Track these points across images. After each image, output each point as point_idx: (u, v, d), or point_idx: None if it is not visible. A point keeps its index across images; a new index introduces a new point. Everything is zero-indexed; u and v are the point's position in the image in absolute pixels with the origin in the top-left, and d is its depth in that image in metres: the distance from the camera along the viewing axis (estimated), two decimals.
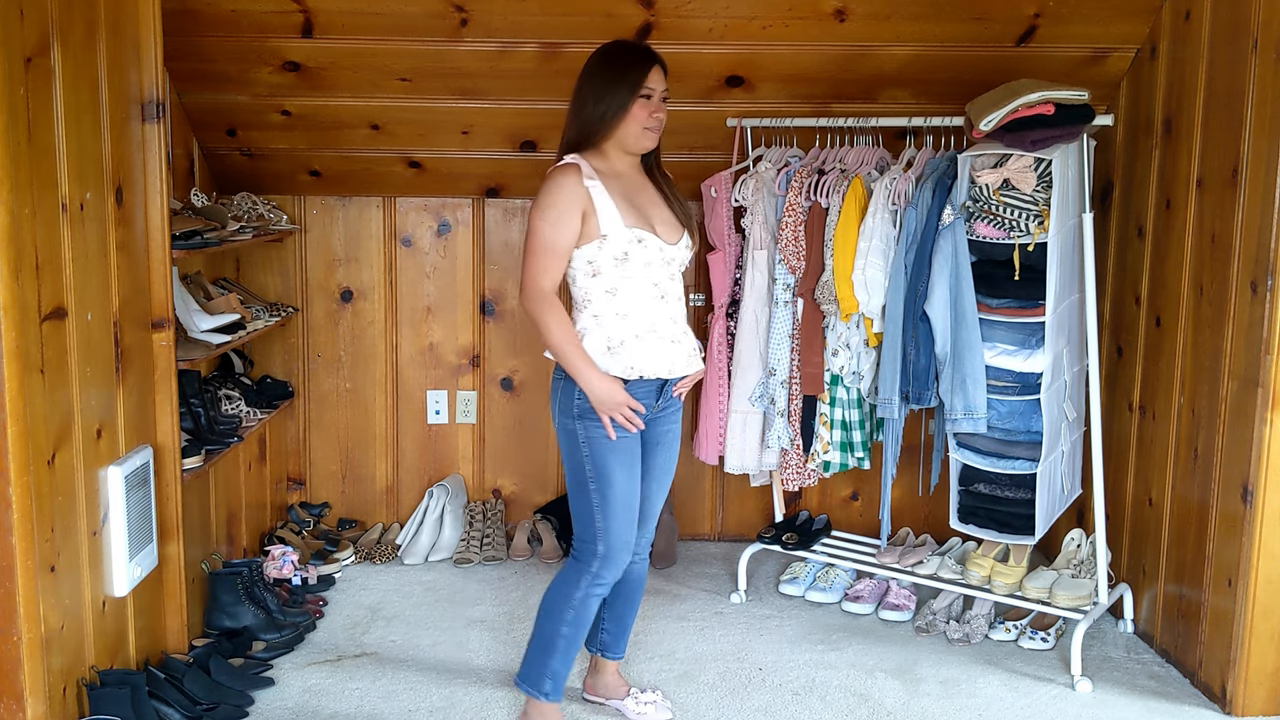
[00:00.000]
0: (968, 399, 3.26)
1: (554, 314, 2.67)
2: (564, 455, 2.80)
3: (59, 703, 2.56)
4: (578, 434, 2.74)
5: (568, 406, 2.74)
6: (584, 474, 2.75)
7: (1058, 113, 3.12)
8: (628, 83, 2.69)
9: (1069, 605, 3.36)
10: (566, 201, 2.65)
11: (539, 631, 2.85)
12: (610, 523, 2.75)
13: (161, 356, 3.06)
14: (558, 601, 2.81)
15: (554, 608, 2.81)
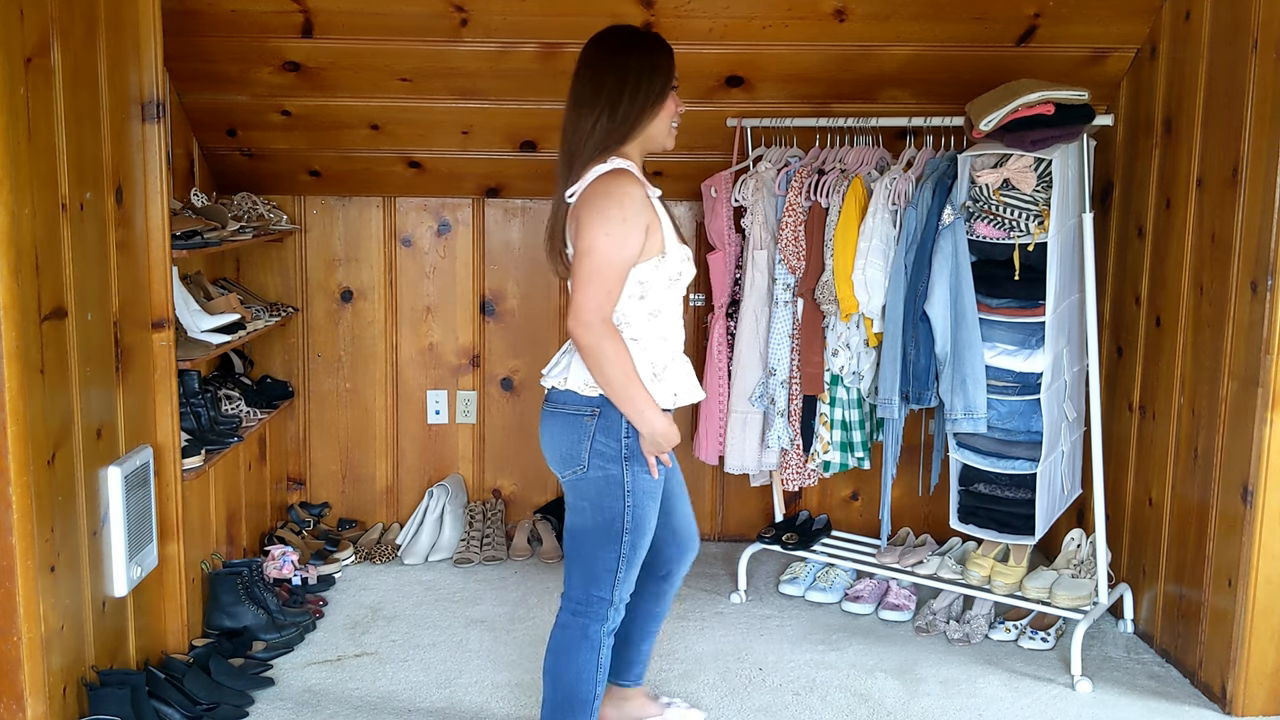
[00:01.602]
0: (968, 399, 3.26)
1: (616, 344, 2.33)
2: (589, 504, 2.45)
3: (59, 703, 2.56)
4: (622, 480, 2.42)
5: (610, 449, 2.41)
6: (619, 524, 2.43)
7: (1058, 113, 3.12)
8: (662, 72, 2.43)
9: (1069, 605, 3.36)
10: (636, 215, 2.34)
11: (566, 700, 2.53)
12: (630, 572, 2.49)
13: (161, 356, 3.06)
14: (585, 669, 2.51)
15: (582, 675, 2.51)
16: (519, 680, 3.22)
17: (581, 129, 2.42)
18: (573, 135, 2.43)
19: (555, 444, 2.48)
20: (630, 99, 2.40)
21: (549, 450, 2.51)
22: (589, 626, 2.51)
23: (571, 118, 2.44)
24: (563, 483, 2.52)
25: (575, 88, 2.45)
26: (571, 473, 2.47)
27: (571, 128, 2.44)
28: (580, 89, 2.43)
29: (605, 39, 2.49)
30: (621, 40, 2.48)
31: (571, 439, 2.44)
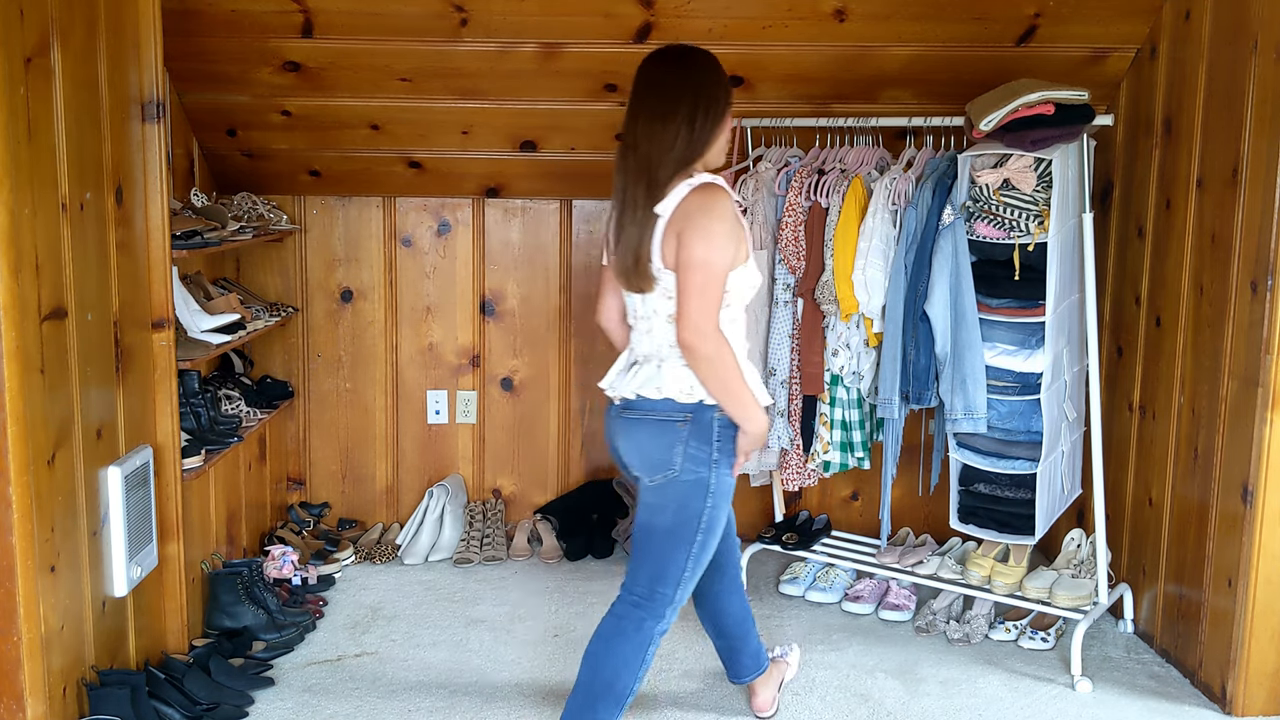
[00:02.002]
0: (968, 399, 3.26)
1: (729, 350, 2.42)
2: (673, 505, 2.52)
3: (59, 703, 2.56)
4: (709, 482, 2.50)
5: (702, 453, 2.48)
6: (696, 525, 2.50)
7: (1058, 113, 3.12)
8: (726, 90, 2.50)
9: (1069, 605, 3.36)
10: (734, 228, 2.42)
11: (603, 689, 2.56)
12: (697, 572, 2.56)
13: (161, 356, 3.06)
14: (631, 660, 2.56)
15: (626, 666, 2.56)
16: (519, 680, 3.22)
17: (662, 143, 2.44)
18: (650, 149, 2.45)
19: (645, 450, 2.53)
20: (704, 115, 2.45)
21: (636, 456, 2.56)
22: (645, 621, 2.57)
23: (648, 131, 2.46)
24: (645, 486, 2.57)
25: (649, 103, 2.47)
26: (661, 476, 2.52)
27: (649, 141, 2.45)
28: (656, 104, 2.46)
29: (675, 55, 2.52)
30: (690, 57, 2.51)
31: (664, 444, 2.50)
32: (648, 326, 2.54)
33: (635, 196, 2.46)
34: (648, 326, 2.54)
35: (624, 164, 2.50)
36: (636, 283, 2.50)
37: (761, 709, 3.03)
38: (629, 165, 2.48)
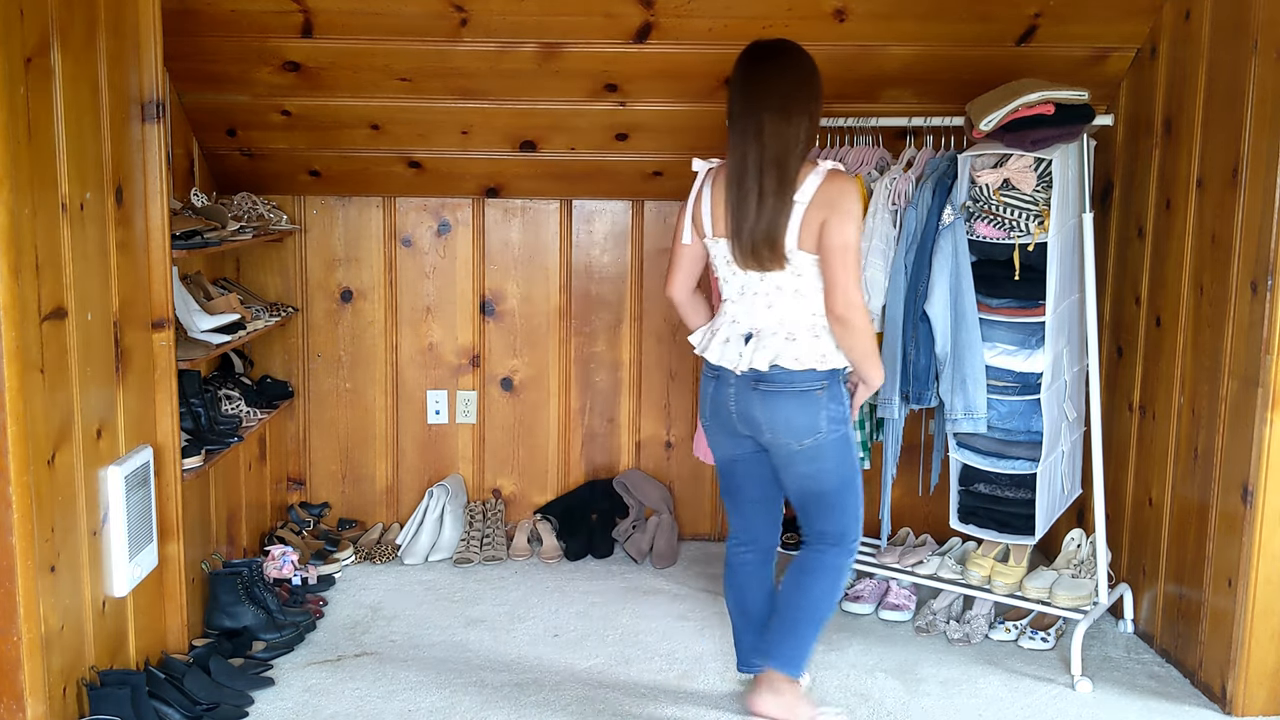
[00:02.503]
0: (968, 399, 3.26)
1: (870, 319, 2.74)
2: (832, 463, 2.79)
3: (59, 703, 2.56)
4: (849, 436, 2.81)
5: (839, 413, 2.76)
6: (854, 470, 2.83)
7: (1058, 113, 3.12)
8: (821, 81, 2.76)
9: (1069, 605, 3.36)
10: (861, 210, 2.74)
11: (810, 619, 2.88)
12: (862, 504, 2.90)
13: (161, 356, 3.06)
14: (833, 593, 2.88)
15: (829, 598, 2.88)
16: (519, 680, 3.22)
17: (792, 137, 2.65)
18: (779, 144, 2.64)
19: (791, 419, 2.74)
20: (818, 108, 2.72)
21: (780, 424, 2.75)
22: (845, 560, 2.88)
23: (775, 128, 2.64)
24: (794, 451, 2.78)
25: (772, 100, 2.65)
26: (811, 440, 2.76)
27: (777, 138, 2.64)
28: (779, 100, 2.65)
29: (784, 50, 2.71)
30: (799, 53, 2.72)
31: (810, 411, 2.73)
32: (766, 302, 2.74)
33: (765, 186, 2.65)
34: (766, 302, 2.74)
35: (744, 156, 2.67)
36: (765, 263, 2.70)
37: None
38: (751, 157, 2.66)
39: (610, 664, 3.33)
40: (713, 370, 2.84)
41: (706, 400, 2.88)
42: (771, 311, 2.75)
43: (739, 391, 2.78)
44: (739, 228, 2.70)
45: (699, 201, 2.80)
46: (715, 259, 2.83)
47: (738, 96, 2.70)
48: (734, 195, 2.69)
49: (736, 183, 2.69)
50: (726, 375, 2.80)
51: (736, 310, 2.80)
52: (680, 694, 3.15)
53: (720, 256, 2.80)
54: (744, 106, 2.68)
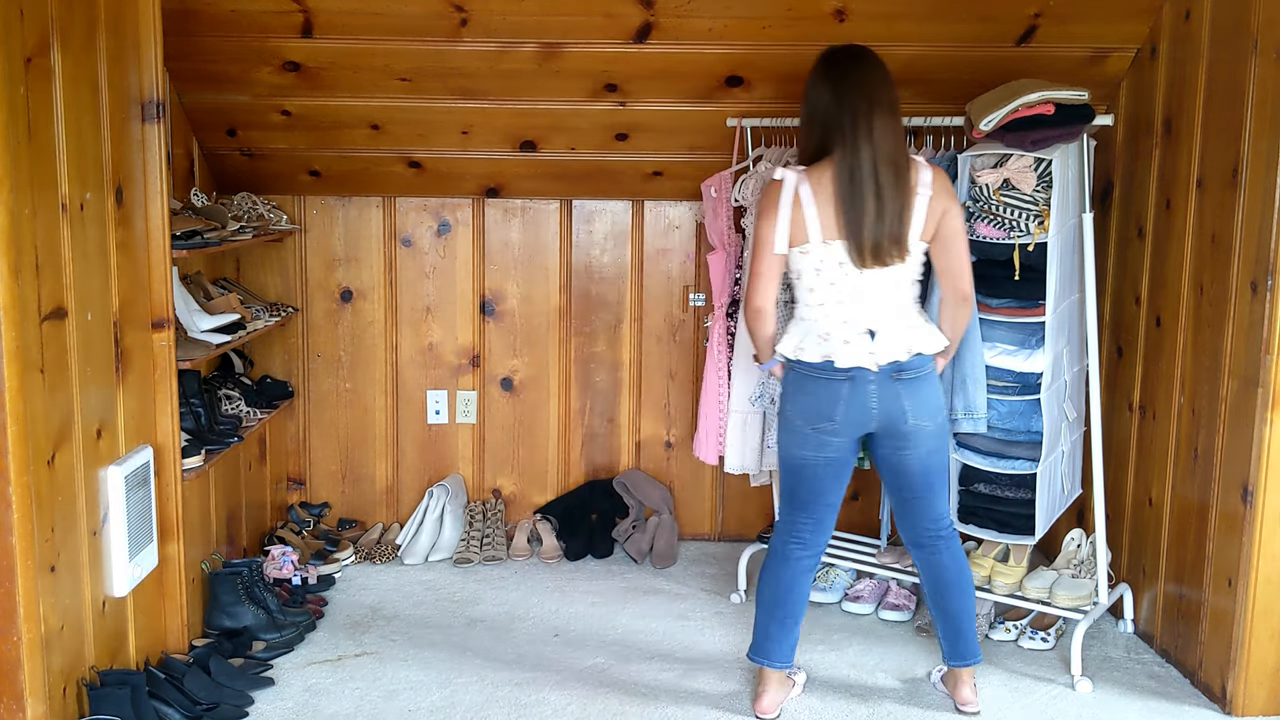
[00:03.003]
0: (968, 399, 3.26)
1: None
2: (944, 440, 2.97)
3: (59, 703, 2.56)
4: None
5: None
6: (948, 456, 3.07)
7: (1058, 113, 3.12)
8: None
9: (1069, 605, 3.36)
10: None
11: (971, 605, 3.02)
12: None
13: (161, 356, 3.06)
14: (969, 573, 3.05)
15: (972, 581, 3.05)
16: (519, 680, 3.22)
17: (900, 133, 2.81)
18: (892, 138, 2.77)
19: (930, 401, 2.89)
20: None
21: (924, 408, 2.87)
22: (955, 538, 3.03)
23: (886, 126, 2.76)
24: (930, 432, 2.90)
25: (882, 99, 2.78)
26: (941, 417, 2.94)
27: (889, 135, 2.76)
28: (885, 98, 2.78)
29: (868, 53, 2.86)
30: (875, 55, 2.87)
31: (938, 390, 2.93)
32: (882, 296, 2.83)
33: (883, 182, 2.75)
34: (882, 296, 2.83)
35: (857, 156, 2.75)
36: (888, 259, 2.79)
37: (767, 710, 3.02)
38: (865, 156, 2.75)
39: (610, 664, 3.33)
40: (842, 373, 2.83)
41: (837, 403, 2.84)
42: (888, 304, 2.84)
43: (880, 386, 2.83)
44: (858, 227, 2.76)
45: (798, 208, 2.79)
46: (815, 264, 2.82)
47: (841, 98, 2.78)
48: (850, 195, 2.75)
49: (851, 183, 2.75)
50: (863, 374, 2.82)
51: (846, 311, 2.83)
52: (680, 694, 3.15)
53: (829, 260, 2.81)
54: (851, 107, 2.76)
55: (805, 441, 2.90)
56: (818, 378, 2.86)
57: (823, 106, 2.81)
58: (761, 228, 2.85)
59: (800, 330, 2.90)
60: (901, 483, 2.96)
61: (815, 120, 2.83)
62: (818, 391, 2.86)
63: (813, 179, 2.81)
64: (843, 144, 2.76)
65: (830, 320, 2.85)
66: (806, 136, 2.88)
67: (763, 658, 3.03)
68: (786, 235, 2.82)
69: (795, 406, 2.90)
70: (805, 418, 2.89)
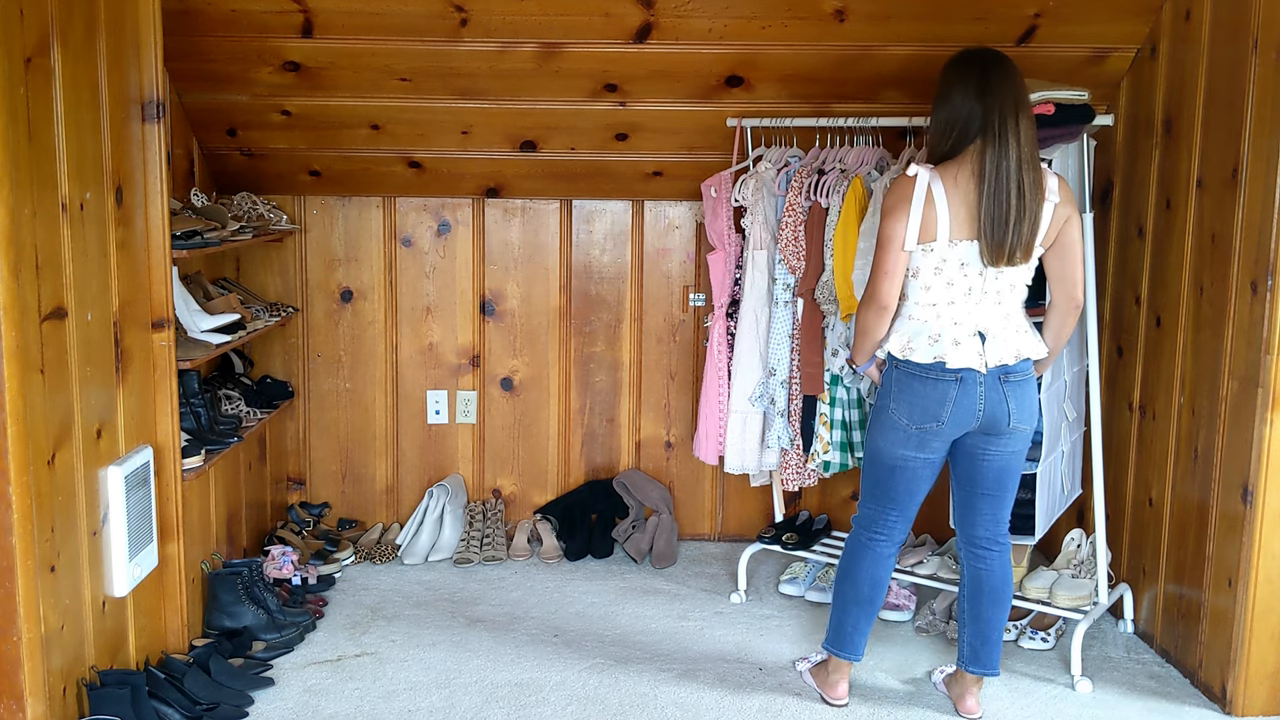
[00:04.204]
0: None
1: None
2: (1025, 450, 2.97)
3: (59, 703, 2.56)
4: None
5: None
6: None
7: (1058, 113, 3.12)
8: None
9: (1069, 605, 3.36)
10: None
11: (1004, 618, 3.04)
12: None
13: (161, 356, 3.06)
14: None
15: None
16: (519, 680, 3.22)
17: (1035, 136, 2.81)
18: (1032, 143, 2.78)
19: (1031, 403, 2.91)
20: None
21: (1026, 411, 2.90)
22: (1007, 547, 3.05)
23: (1027, 126, 2.77)
24: (1025, 435, 2.93)
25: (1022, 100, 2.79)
26: (1036, 422, 2.95)
27: (1029, 135, 2.78)
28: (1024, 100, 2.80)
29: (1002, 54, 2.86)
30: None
31: (1036, 396, 2.95)
32: (997, 299, 2.84)
33: (1025, 184, 2.75)
34: (997, 299, 2.84)
35: (1003, 156, 2.74)
36: (1016, 260, 2.79)
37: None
38: (1011, 157, 2.74)
39: (610, 664, 3.33)
40: (951, 374, 2.83)
41: (945, 404, 2.84)
42: (1000, 308, 2.85)
43: (989, 389, 2.84)
44: (997, 227, 2.76)
45: (930, 205, 2.78)
46: (937, 263, 2.82)
47: (989, 100, 2.76)
48: (995, 195, 2.75)
49: (997, 182, 2.75)
50: (972, 375, 2.83)
51: (957, 312, 2.83)
52: (680, 694, 3.15)
53: (952, 260, 2.81)
54: (1000, 108, 2.75)
55: (908, 441, 2.90)
56: (926, 378, 2.85)
57: (967, 107, 2.78)
58: (891, 224, 2.81)
59: (909, 330, 2.87)
60: (980, 479, 2.97)
61: (956, 120, 2.80)
62: (927, 392, 2.85)
63: (946, 177, 2.79)
64: (990, 144, 2.75)
65: (942, 321, 2.84)
66: (943, 135, 2.84)
67: (849, 652, 3.08)
68: (917, 232, 2.80)
69: (900, 406, 2.89)
70: (911, 418, 2.88)
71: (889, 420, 2.91)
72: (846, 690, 3.11)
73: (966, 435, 2.91)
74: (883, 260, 2.83)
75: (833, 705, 3.08)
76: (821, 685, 3.14)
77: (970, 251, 2.79)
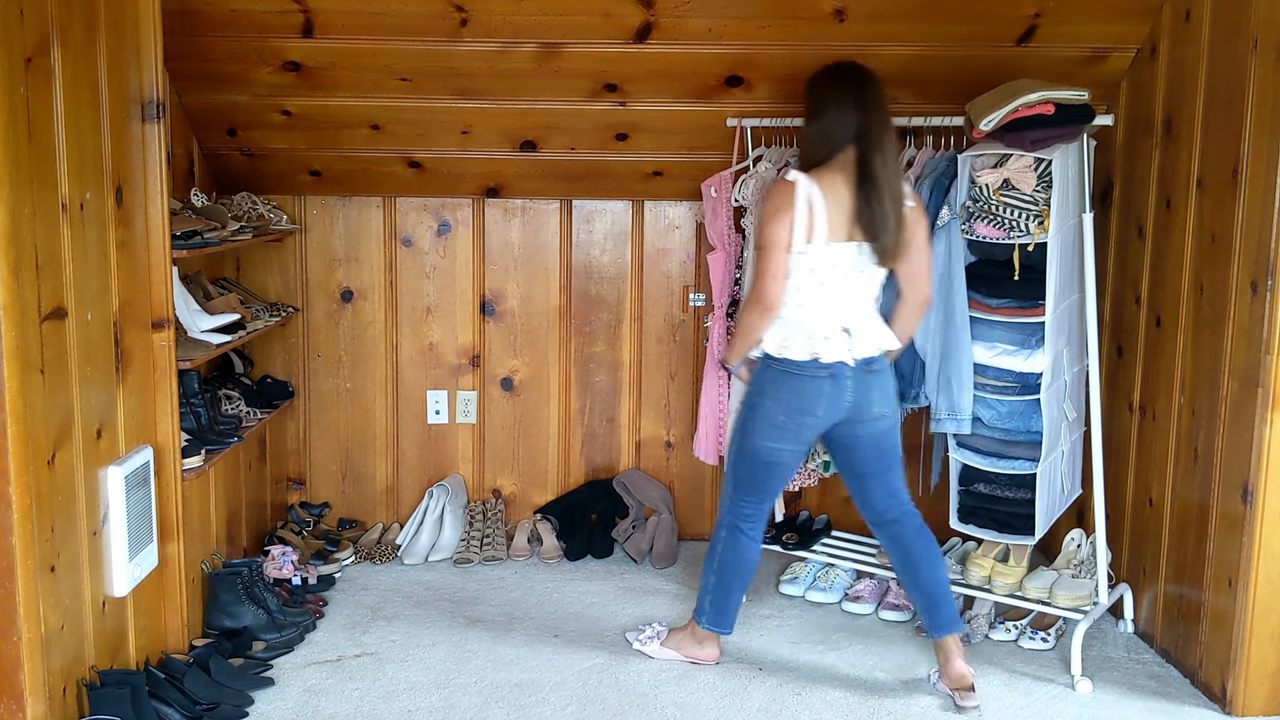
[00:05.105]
0: (952, 400, 3.27)
1: None
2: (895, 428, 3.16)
3: (59, 703, 2.56)
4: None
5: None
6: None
7: (1058, 113, 3.12)
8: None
9: (1069, 605, 3.36)
10: None
11: (943, 575, 3.18)
12: None
13: (161, 356, 3.06)
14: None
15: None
16: (519, 680, 3.22)
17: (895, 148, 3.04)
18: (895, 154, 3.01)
19: (890, 390, 3.10)
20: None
21: (885, 398, 3.08)
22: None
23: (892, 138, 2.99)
24: (890, 418, 3.10)
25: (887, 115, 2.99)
26: (895, 404, 3.13)
27: (894, 147, 3.00)
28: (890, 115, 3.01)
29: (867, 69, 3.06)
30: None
31: (894, 382, 3.14)
32: (860, 297, 3.03)
33: (895, 192, 2.96)
34: (860, 297, 3.03)
35: (877, 165, 2.93)
36: (891, 261, 3.01)
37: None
38: (880, 166, 2.94)
39: (610, 664, 3.33)
40: (825, 369, 2.99)
41: (820, 397, 3.01)
42: (862, 305, 3.04)
43: (855, 380, 3.02)
44: (879, 230, 2.94)
45: (811, 211, 2.93)
46: (811, 265, 2.97)
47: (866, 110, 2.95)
48: (872, 200, 2.93)
49: (874, 188, 2.93)
50: (842, 369, 3.00)
51: (826, 310, 3.00)
52: (680, 694, 3.15)
53: (825, 262, 2.96)
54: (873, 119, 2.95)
55: (784, 435, 3.06)
56: (801, 375, 3.00)
57: (845, 118, 2.95)
58: (776, 229, 2.95)
59: (783, 329, 3.03)
60: (859, 460, 3.13)
61: (833, 130, 2.97)
62: (802, 388, 3.01)
63: (823, 183, 2.94)
64: (869, 153, 2.93)
65: (813, 320, 3.00)
66: (819, 144, 2.99)
67: (727, 628, 3.30)
68: (802, 235, 2.94)
69: (776, 402, 3.04)
70: (788, 412, 3.03)
71: (765, 416, 3.06)
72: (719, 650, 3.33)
73: (835, 425, 3.07)
74: (770, 264, 2.97)
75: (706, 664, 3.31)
76: (691, 654, 3.32)
77: (844, 253, 2.96)
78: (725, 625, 3.29)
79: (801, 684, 3.22)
